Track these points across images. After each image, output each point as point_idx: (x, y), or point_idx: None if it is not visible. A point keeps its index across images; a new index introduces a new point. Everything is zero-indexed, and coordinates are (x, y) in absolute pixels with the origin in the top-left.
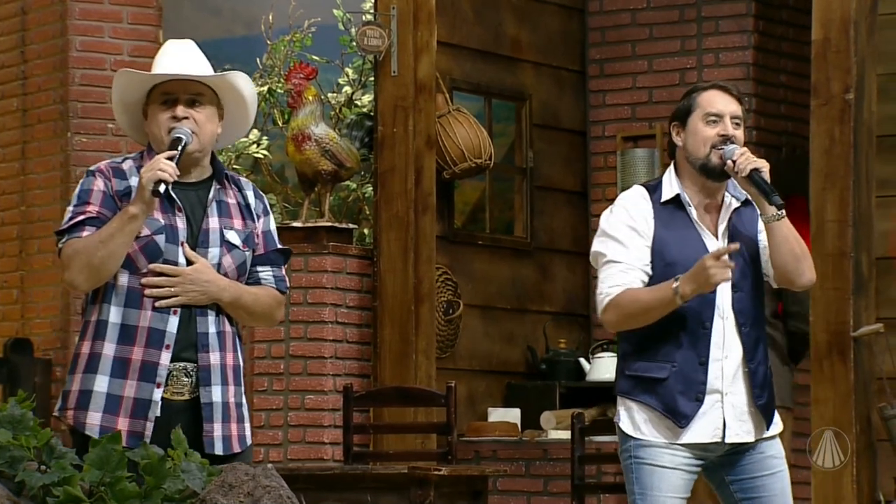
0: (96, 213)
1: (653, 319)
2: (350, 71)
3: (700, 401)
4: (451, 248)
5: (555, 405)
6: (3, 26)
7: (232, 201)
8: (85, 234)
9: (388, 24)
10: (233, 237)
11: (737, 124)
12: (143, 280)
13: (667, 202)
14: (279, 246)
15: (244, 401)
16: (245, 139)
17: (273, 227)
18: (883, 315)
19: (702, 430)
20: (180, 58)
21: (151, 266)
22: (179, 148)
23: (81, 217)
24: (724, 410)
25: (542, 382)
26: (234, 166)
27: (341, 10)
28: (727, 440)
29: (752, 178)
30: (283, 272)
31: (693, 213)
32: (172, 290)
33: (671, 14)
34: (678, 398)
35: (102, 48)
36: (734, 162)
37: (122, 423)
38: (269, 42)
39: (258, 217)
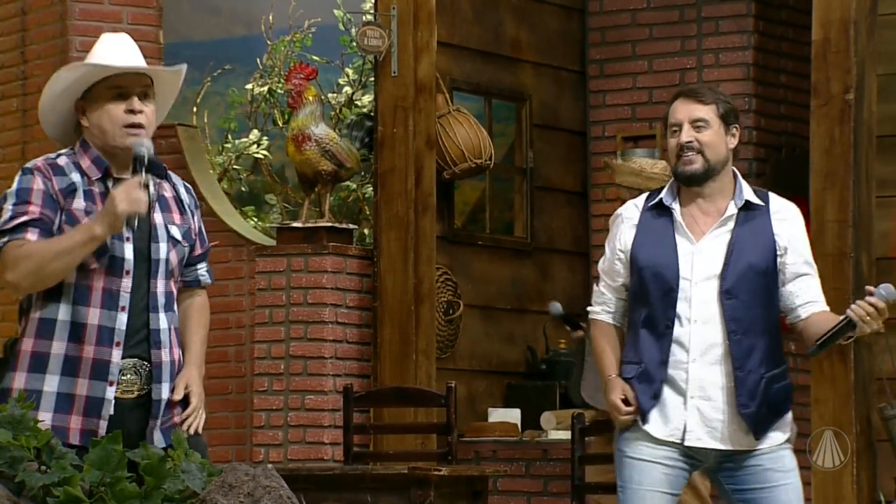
0: (39, 215)
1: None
2: (350, 71)
3: (657, 398)
4: (452, 249)
5: (555, 405)
6: (3, 26)
7: (169, 195)
8: (29, 236)
9: (389, 25)
10: (175, 232)
11: (698, 127)
12: (179, 420)
13: (654, 206)
14: (208, 243)
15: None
16: (245, 139)
17: (202, 222)
18: None
19: (665, 427)
20: (127, 51)
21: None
22: (144, 169)
23: (24, 218)
24: (688, 413)
25: (542, 382)
26: (235, 166)
27: (341, 11)
28: (686, 443)
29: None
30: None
31: (676, 216)
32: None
33: (671, 14)
34: (640, 396)
35: None
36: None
37: (75, 422)
38: (269, 42)
39: (192, 213)
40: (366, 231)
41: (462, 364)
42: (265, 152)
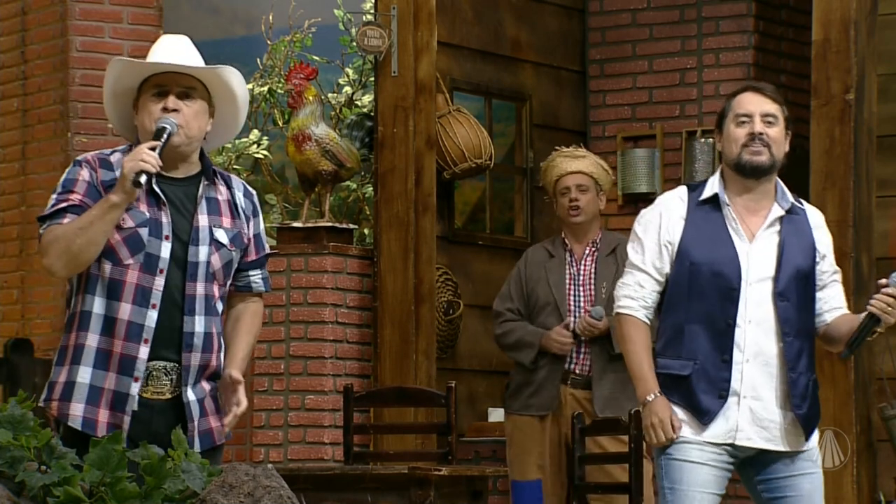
0: (79, 202)
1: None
2: (350, 71)
3: (724, 398)
4: (452, 249)
5: None
6: (3, 26)
7: (221, 198)
8: (65, 220)
9: (389, 25)
10: (221, 236)
11: (769, 122)
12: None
13: (704, 201)
14: (267, 249)
15: (217, 393)
16: (245, 139)
17: (263, 228)
18: None
19: (718, 428)
20: (175, 51)
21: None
22: (164, 138)
23: (64, 204)
24: (740, 413)
25: None
26: (235, 166)
27: (341, 11)
28: (737, 442)
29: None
30: (266, 271)
31: (730, 213)
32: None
33: (671, 14)
34: (701, 395)
35: (103, 48)
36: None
37: (103, 415)
38: (269, 42)
39: (248, 218)
40: (366, 231)
41: (462, 364)
42: (265, 152)
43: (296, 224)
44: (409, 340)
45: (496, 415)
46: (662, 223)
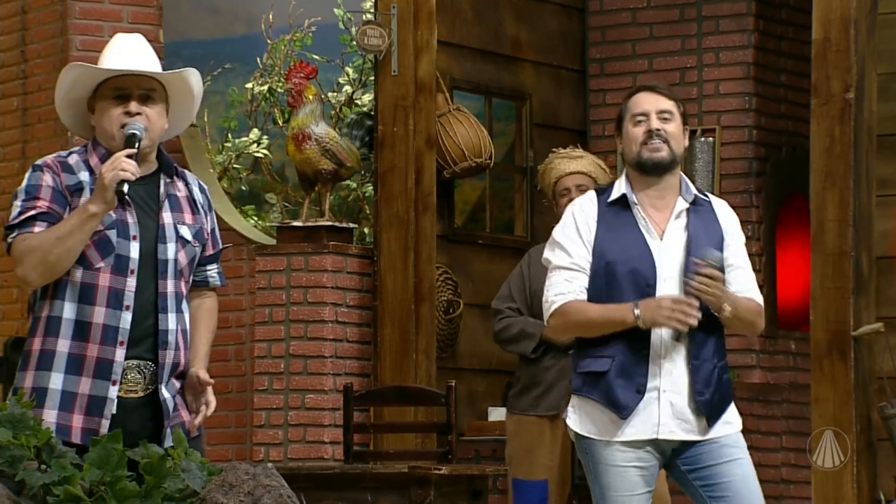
0: (47, 209)
1: (602, 332)
2: (350, 70)
3: (641, 392)
4: (452, 248)
5: None
6: (3, 25)
7: (181, 194)
8: (37, 229)
9: (389, 24)
10: (185, 232)
11: (665, 119)
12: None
13: (613, 202)
14: (220, 244)
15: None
16: (245, 138)
17: (216, 223)
18: (883, 314)
19: (641, 425)
20: (131, 53)
21: None
22: (136, 144)
23: (32, 212)
24: (661, 407)
25: None
26: (235, 165)
27: (341, 10)
28: (660, 436)
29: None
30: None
31: (638, 212)
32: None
33: (671, 13)
34: (618, 390)
35: (102, 48)
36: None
37: (77, 421)
38: (269, 41)
39: (205, 213)
40: (366, 230)
41: (462, 363)
42: (265, 151)
43: (296, 223)
44: (409, 340)
45: (496, 414)
46: (579, 224)
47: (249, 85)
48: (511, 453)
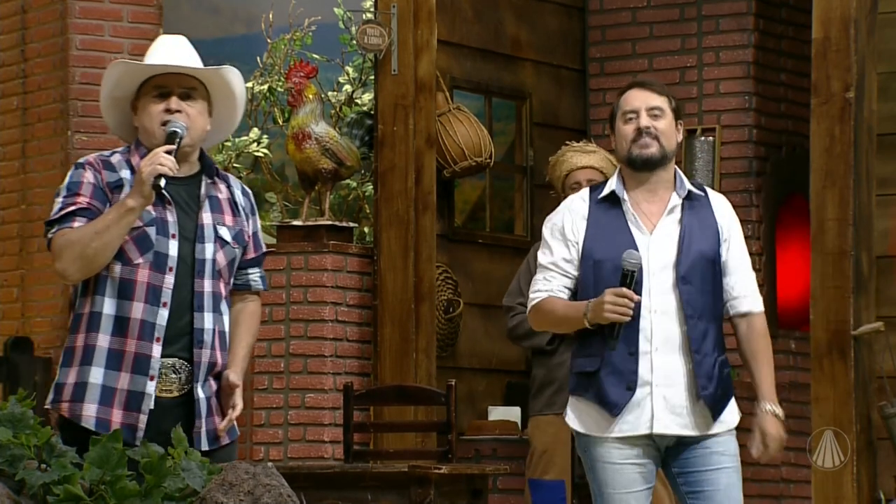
0: (87, 205)
1: (568, 330)
2: (350, 69)
3: (632, 389)
4: (452, 247)
5: None
6: (3, 25)
7: (223, 196)
8: (76, 224)
9: (389, 23)
10: (224, 233)
11: (655, 115)
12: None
13: (604, 199)
14: (264, 248)
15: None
16: (245, 137)
17: (259, 227)
18: (883, 314)
19: (635, 420)
20: (175, 52)
21: None
22: (177, 141)
23: (72, 207)
24: (654, 402)
25: None
26: (235, 164)
27: (342, 9)
28: (655, 431)
29: None
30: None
31: (628, 207)
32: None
33: (671, 13)
34: (608, 388)
35: (103, 47)
36: None
37: (117, 416)
38: (269, 40)
39: (247, 216)
40: (366, 229)
41: (462, 362)
42: (265, 150)
43: (296, 222)
44: (409, 339)
45: (496, 413)
46: (566, 224)
47: (249, 84)
48: (530, 454)
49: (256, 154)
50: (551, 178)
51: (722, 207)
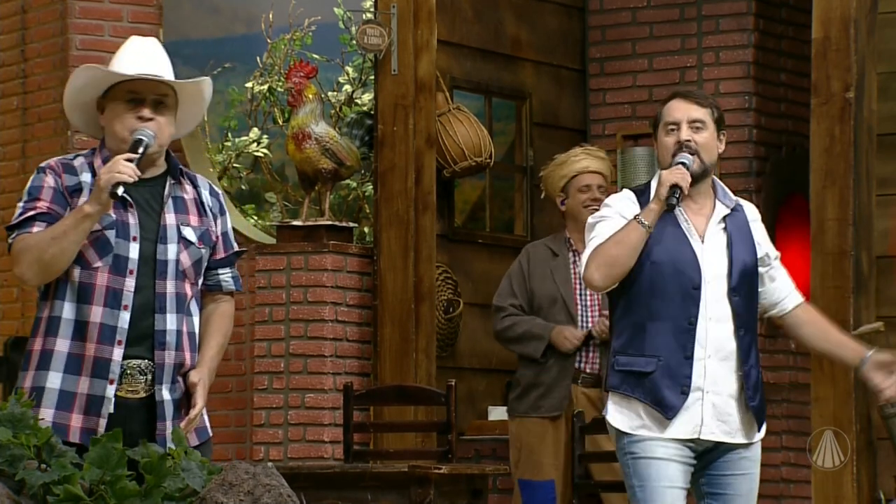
0: (46, 209)
1: (627, 257)
2: (350, 69)
3: (686, 394)
4: (452, 247)
5: None
6: (3, 25)
7: (188, 197)
8: (35, 229)
9: (389, 23)
10: (189, 234)
11: (696, 128)
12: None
13: None
14: (235, 248)
15: None
16: (245, 137)
17: (230, 227)
18: (883, 313)
19: (684, 425)
20: (148, 57)
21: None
22: (140, 150)
23: (32, 212)
24: (704, 408)
25: None
26: (235, 164)
27: (341, 9)
28: (702, 437)
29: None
30: (237, 270)
31: (681, 213)
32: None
33: (671, 13)
34: (665, 391)
35: (103, 47)
36: None
37: (76, 420)
38: (269, 40)
39: (215, 216)
40: (366, 229)
41: (462, 362)
42: (265, 150)
43: (296, 222)
44: (409, 339)
45: (496, 413)
46: (625, 209)
47: (249, 84)
48: (515, 456)
49: (256, 154)
50: (556, 175)
51: (754, 217)
